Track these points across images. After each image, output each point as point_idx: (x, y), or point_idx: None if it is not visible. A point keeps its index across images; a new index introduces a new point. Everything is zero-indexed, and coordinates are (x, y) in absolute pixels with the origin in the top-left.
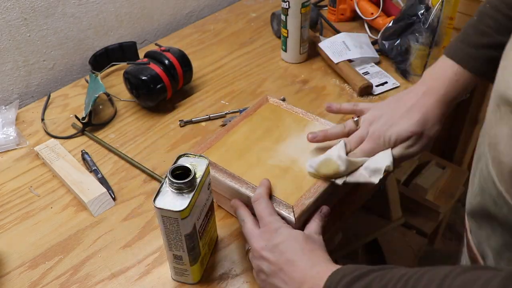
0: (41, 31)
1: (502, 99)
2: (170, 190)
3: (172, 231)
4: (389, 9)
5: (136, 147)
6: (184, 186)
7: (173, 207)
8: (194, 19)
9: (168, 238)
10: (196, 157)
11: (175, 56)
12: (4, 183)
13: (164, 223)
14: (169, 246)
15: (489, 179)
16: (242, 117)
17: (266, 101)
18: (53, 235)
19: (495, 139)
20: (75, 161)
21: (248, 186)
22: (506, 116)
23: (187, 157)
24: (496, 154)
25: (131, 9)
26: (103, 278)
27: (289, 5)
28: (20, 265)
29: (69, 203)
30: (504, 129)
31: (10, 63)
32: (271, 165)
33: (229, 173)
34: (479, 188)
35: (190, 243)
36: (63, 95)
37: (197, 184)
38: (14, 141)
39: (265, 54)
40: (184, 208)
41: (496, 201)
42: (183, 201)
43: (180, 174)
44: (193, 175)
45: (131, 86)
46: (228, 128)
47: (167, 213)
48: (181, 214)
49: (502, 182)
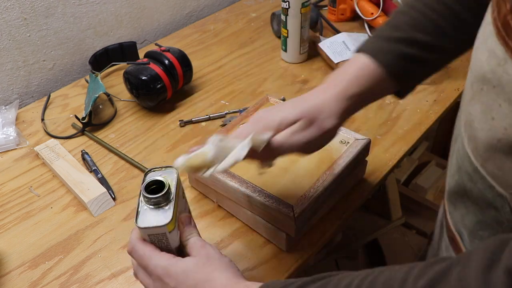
0: (41, 31)
1: (475, 77)
2: (149, 208)
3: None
4: (389, 9)
5: (136, 147)
6: (162, 200)
7: (158, 222)
8: (194, 19)
9: None
10: (163, 169)
11: (175, 56)
12: (4, 183)
13: (152, 242)
14: None
15: (465, 157)
16: (242, 117)
17: (266, 101)
18: (53, 235)
19: (470, 117)
20: (75, 161)
21: (248, 185)
22: (478, 94)
23: (155, 172)
24: (471, 131)
25: (131, 9)
26: (103, 278)
27: (289, 5)
28: (20, 265)
29: (69, 203)
30: (477, 106)
31: (10, 63)
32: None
33: (229, 172)
34: (456, 167)
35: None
36: (63, 95)
37: (174, 194)
38: (14, 141)
39: (265, 54)
40: (170, 219)
41: (471, 176)
42: (165, 213)
43: (153, 189)
44: (168, 186)
45: (131, 86)
46: (229, 128)
47: (154, 230)
48: (168, 227)
49: (478, 157)
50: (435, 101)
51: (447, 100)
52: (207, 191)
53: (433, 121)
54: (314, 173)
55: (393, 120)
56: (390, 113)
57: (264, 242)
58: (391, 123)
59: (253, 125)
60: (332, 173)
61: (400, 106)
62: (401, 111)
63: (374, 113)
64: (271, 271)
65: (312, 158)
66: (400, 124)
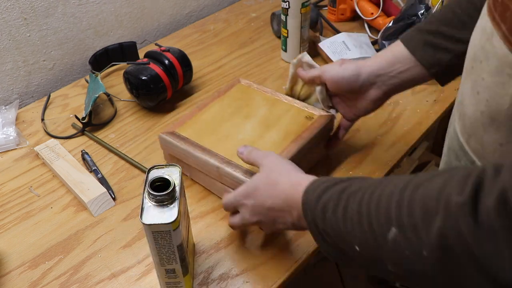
0: (41, 31)
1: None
2: (153, 205)
3: (164, 245)
4: (389, 9)
5: (136, 147)
6: (167, 198)
7: (163, 220)
8: (194, 19)
9: (160, 253)
10: (167, 167)
11: (175, 56)
12: (4, 183)
13: (155, 238)
14: (161, 262)
15: (454, 137)
16: (213, 97)
17: (237, 82)
18: (53, 235)
19: (462, 96)
20: (75, 161)
21: (217, 157)
22: (469, 72)
23: (158, 169)
24: (462, 109)
25: (131, 9)
26: (103, 278)
27: (289, 5)
28: (20, 265)
29: (69, 203)
30: (468, 84)
31: (10, 63)
32: (240, 139)
33: (200, 146)
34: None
35: (181, 253)
36: (63, 95)
37: (178, 193)
38: (14, 141)
39: (265, 54)
40: (175, 218)
41: (457, 155)
42: (170, 212)
43: (157, 186)
44: (174, 185)
45: (131, 86)
46: (200, 106)
47: (159, 227)
48: (172, 225)
49: (464, 134)
50: (435, 101)
51: (447, 100)
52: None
53: (433, 121)
54: (281, 145)
55: (393, 120)
56: (390, 113)
57: (264, 242)
58: (391, 123)
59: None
60: (296, 144)
61: (400, 106)
62: (401, 111)
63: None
64: (271, 271)
65: (279, 131)
66: (400, 124)
